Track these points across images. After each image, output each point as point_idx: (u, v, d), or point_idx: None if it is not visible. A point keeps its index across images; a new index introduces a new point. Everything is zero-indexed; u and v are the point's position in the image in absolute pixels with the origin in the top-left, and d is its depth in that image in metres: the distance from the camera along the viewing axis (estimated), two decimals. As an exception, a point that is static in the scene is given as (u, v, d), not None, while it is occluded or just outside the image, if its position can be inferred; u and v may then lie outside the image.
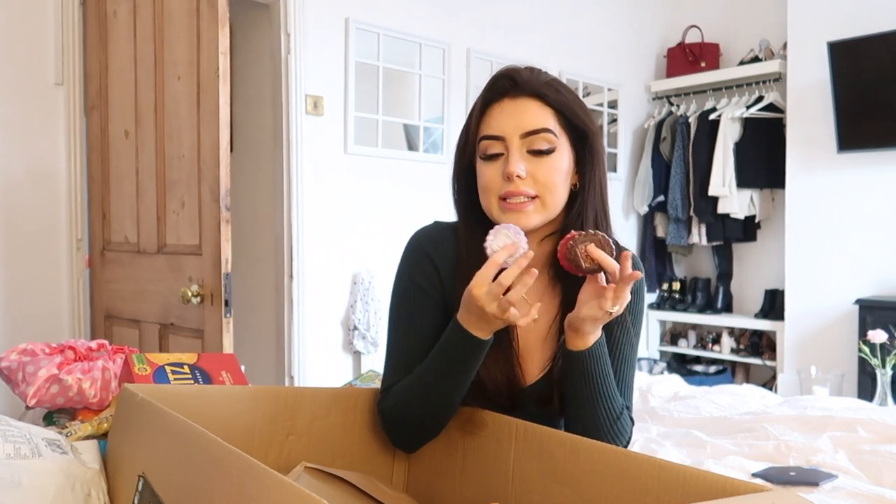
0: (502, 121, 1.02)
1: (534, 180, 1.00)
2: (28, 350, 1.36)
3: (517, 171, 0.99)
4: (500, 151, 1.02)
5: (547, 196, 1.01)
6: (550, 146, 1.01)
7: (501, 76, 1.05)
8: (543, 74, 1.06)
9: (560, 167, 1.02)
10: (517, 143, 1.01)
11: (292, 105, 3.08)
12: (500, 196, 1.01)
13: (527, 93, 1.02)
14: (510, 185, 1.00)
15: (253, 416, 0.96)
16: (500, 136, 1.01)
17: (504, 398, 1.04)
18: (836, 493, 1.55)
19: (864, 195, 3.79)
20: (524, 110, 1.01)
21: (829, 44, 3.72)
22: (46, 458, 0.78)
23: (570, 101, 1.03)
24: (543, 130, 1.01)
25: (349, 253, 3.29)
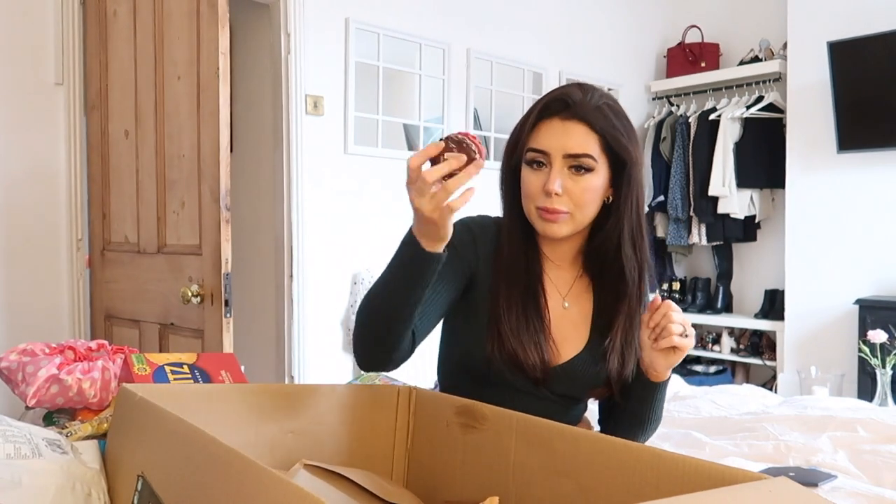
0: (550, 139, 1.12)
1: (569, 196, 1.11)
2: (28, 350, 1.36)
3: (555, 188, 1.10)
4: (543, 161, 1.13)
5: (578, 212, 1.13)
6: (589, 167, 1.11)
7: (556, 97, 1.13)
8: (596, 97, 1.13)
9: (594, 187, 1.12)
10: (559, 161, 1.11)
11: (292, 105, 3.08)
12: (537, 206, 1.13)
13: (576, 117, 1.11)
14: (547, 200, 1.11)
15: (252, 414, 0.97)
16: (545, 151, 1.12)
17: (538, 372, 1.14)
18: (836, 494, 1.55)
19: (864, 195, 3.79)
20: (571, 133, 1.11)
21: (829, 44, 3.72)
22: (47, 458, 0.78)
23: (616, 129, 1.12)
24: (584, 155, 1.10)
25: (349, 253, 3.29)
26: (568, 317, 1.20)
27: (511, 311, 1.14)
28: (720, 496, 0.61)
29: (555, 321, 1.18)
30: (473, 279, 1.17)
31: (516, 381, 1.15)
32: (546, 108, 1.13)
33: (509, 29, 3.91)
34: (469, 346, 1.18)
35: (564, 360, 1.18)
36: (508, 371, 1.14)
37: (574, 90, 1.13)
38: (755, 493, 0.63)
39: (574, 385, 1.20)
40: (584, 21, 4.33)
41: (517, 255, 1.18)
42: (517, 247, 1.18)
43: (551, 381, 1.17)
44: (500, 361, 1.13)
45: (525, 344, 1.13)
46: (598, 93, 1.14)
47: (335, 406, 1.05)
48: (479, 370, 1.17)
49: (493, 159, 3.92)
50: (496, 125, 3.93)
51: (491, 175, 3.85)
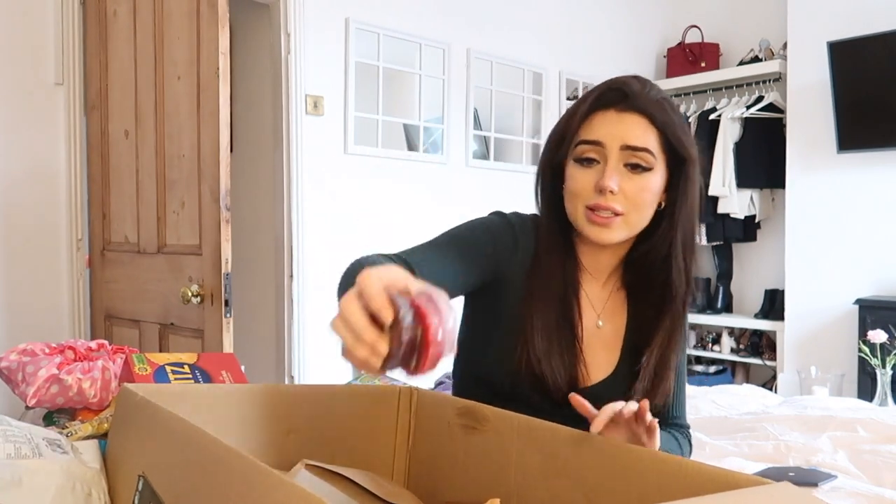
0: (606, 129, 1.01)
1: (624, 196, 1.01)
2: (28, 350, 1.36)
3: (611, 185, 0.99)
4: (595, 157, 1.02)
5: (633, 214, 1.02)
6: (647, 165, 1.01)
7: (612, 87, 1.04)
8: (654, 91, 1.04)
9: (652, 187, 1.02)
10: (616, 155, 1.01)
11: (292, 105, 3.08)
12: (587, 205, 1.02)
13: (635, 108, 1.01)
14: (600, 198, 1.00)
15: (253, 414, 0.96)
16: (601, 142, 1.01)
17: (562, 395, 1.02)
18: (836, 494, 1.55)
19: (864, 195, 3.79)
20: (629, 124, 1.01)
21: (829, 44, 3.72)
22: (47, 458, 0.78)
23: (675, 124, 1.03)
24: (643, 150, 1.01)
25: (349, 253, 3.27)
26: (600, 336, 1.11)
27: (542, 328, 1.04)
28: (722, 500, 0.61)
29: (586, 341, 1.09)
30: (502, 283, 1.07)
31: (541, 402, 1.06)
32: (601, 98, 1.03)
33: (509, 29, 3.91)
34: (492, 358, 1.09)
35: (593, 382, 1.09)
36: (533, 390, 1.05)
37: (631, 81, 1.04)
38: (757, 497, 0.63)
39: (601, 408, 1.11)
40: (584, 21, 4.33)
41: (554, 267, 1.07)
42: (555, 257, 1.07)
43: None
44: (526, 380, 1.05)
45: (554, 365, 1.04)
46: (655, 86, 1.05)
47: (336, 406, 1.05)
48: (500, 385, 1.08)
49: (493, 159, 3.93)
50: (496, 125, 3.93)
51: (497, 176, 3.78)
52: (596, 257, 1.10)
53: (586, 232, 1.03)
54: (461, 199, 3.71)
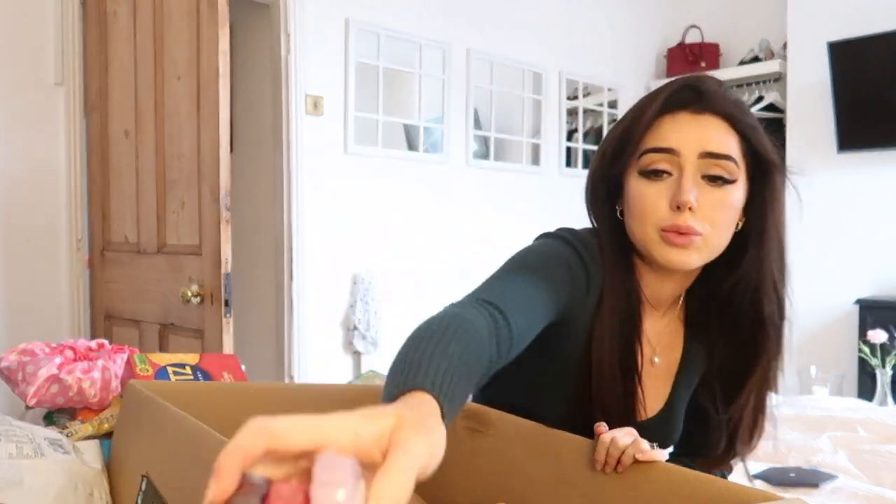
0: (681, 134, 0.86)
1: (702, 213, 0.85)
2: (28, 350, 1.36)
3: (690, 199, 0.84)
4: (667, 169, 0.86)
5: (713, 235, 0.87)
6: (730, 177, 0.86)
7: (685, 85, 0.89)
8: (728, 91, 0.90)
9: (734, 202, 0.87)
10: (693, 164, 0.85)
11: (292, 105, 3.07)
12: (661, 227, 0.86)
13: (714, 110, 0.87)
14: (678, 217, 0.85)
15: (258, 412, 0.96)
16: (675, 150, 0.86)
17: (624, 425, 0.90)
18: (837, 495, 1.55)
19: (864, 195, 3.80)
20: (708, 128, 0.86)
21: (829, 44, 3.72)
22: (49, 458, 0.78)
23: (757, 127, 0.89)
24: (726, 157, 0.85)
25: (349, 253, 3.29)
26: (653, 372, 0.99)
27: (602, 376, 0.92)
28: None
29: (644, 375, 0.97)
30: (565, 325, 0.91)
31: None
32: (671, 98, 0.88)
33: (509, 29, 3.91)
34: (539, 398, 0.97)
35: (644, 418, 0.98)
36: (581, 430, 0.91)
37: (703, 79, 0.90)
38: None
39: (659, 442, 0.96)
40: (584, 21, 4.33)
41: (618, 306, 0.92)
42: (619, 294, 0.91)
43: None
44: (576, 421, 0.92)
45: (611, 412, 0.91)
46: (725, 84, 0.91)
47: (342, 406, 1.04)
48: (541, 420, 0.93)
49: (493, 159, 3.93)
50: (496, 125, 3.93)
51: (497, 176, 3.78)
52: (660, 287, 0.95)
53: (661, 256, 0.87)
54: (461, 199, 3.71)
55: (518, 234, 3.68)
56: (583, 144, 4.39)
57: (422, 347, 0.63)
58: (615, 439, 0.79)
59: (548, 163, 4.11)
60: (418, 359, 0.61)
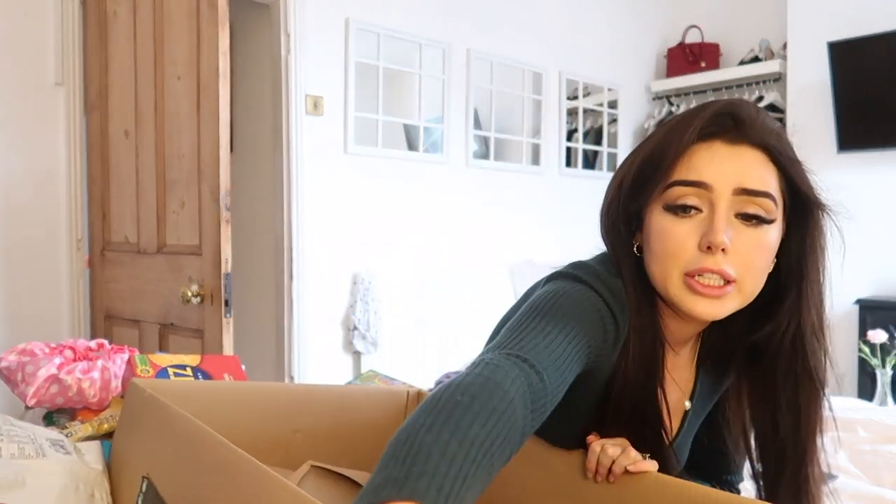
0: (715, 166, 0.76)
1: (736, 256, 0.76)
2: (27, 350, 1.36)
3: (725, 240, 0.74)
4: (697, 205, 0.77)
5: (748, 280, 0.77)
6: (768, 216, 0.77)
7: (721, 112, 0.79)
8: (769, 118, 0.81)
9: (771, 244, 0.79)
10: (727, 200, 0.76)
11: (292, 105, 3.07)
12: (686, 271, 0.77)
13: (752, 141, 0.78)
14: (706, 260, 0.75)
15: (260, 412, 0.97)
16: (708, 184, 0.76)
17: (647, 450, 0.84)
18: (836, 494, 1.55)
19: (865, 195, 3.80)
20: (745, 161, 0.77)
21: (829, 44, 3.72)
22: (50, 459, 0.78)
23: (798, 162, 0.81)
24: (764, 195, 0.76)
25: (349, 253, 3.29)
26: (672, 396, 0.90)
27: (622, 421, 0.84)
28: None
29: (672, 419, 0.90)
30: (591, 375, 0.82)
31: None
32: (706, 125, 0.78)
33: (509, 29, 3.91)
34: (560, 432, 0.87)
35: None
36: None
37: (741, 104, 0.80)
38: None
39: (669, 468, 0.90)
40: (584, 21, 4.33)
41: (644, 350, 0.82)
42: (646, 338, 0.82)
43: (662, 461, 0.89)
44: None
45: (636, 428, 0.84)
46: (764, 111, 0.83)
47: (344, 407, 1.05)
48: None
49: (493, 159, 3.93)
50: (496, 125, 3.93)
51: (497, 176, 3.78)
52: (684, 330, 0.86)
53: (687, 306, 0.77)
54: (461, 199, 3.71)
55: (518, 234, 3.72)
56: (583, 144, 4.39)
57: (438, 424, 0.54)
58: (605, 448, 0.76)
59: (548, 163, 4.11)
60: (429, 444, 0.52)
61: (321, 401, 1.03)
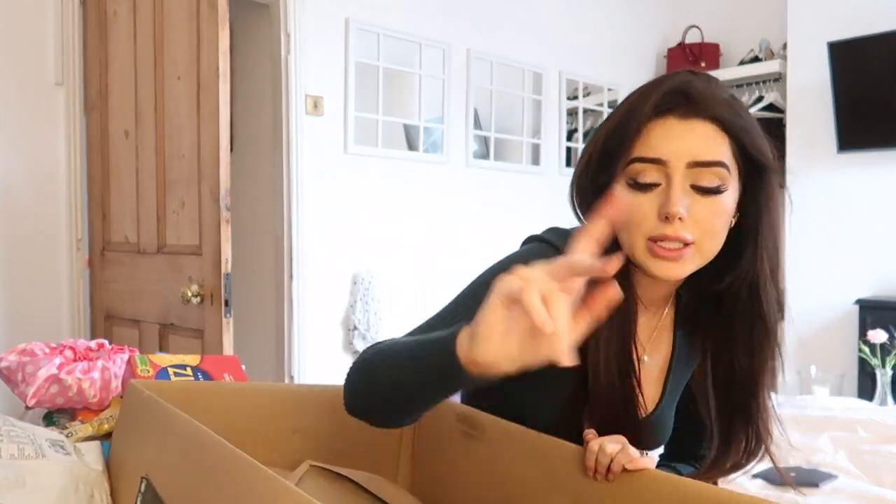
0: (668, 143, 0.83)
1: (693, 222, 0.83)
2: (27, 350, 1.36)
3: (680, 210, 0.81)
4: (656, 181, 0.83)
5: (706, 242, 0.84)
6: (721, 183, 0.83)
7: (673, 90, 0.85)
8: (720, 88, 0.86)
9: (726, 209, 0.85)
10: (682, 174, 0.83)
11: (292, 105, 3.08)
12: (649, 237, 0.84)
13: (703, 114, 0.84)
14: (666, 227, 0.82)
15: (259, 412, 0.97)
16: (663, 160, 0.83)
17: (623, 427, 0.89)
18: (836, 494, 1.55)
19: (864, 195, 3.80)
20: (697, 135, 0.83)
21: (829, 44, 3.72)
22: (50, 459, 0.78)
23: (750, 127, 0.86)
24: (717, 164, 0.83)
25: (349, 253, 3.29)
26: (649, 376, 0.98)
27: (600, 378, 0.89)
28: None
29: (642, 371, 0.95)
30: None
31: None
32: (659, 103, 0.84)
33: (509, 29, 3.91)
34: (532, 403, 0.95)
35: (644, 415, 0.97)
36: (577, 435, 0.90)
37: (692, 78, 0.86)
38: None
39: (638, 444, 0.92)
40: (584, 21, 4.33)
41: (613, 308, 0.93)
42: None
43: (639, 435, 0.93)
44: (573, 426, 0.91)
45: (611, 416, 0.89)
46: (717, 81, 0.88)
47: (342, 407, 1.05)
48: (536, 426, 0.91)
49: (493, 159, 3.93)
50: (496, 125, 3.93)
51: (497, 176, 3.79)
52: (655, 289, 0.94)
53: (649, 268, 0.85)
54: (461, 199, 3.71)
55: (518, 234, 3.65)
56: (583, 144, 4.39)
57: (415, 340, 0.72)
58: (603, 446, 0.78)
59: (548, 163, 4.11)
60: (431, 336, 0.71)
61: (320, 400, 1.03)
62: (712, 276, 0.91)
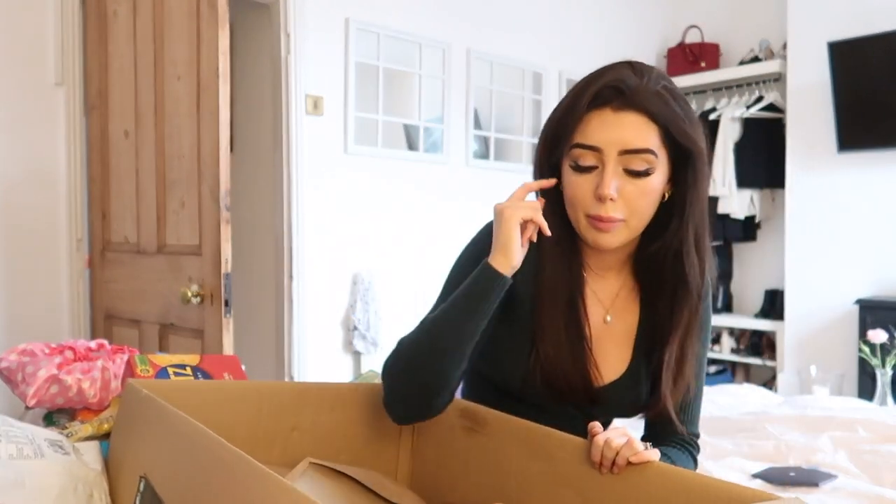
0: (602, 133, 0.95)
1: (624, 202, 0.96)
2: (27, 350, 1.36)
3: (610, 192, 0.94)
4: (593, 164, 0.96)
5: (634, 219, 0.98)
6: (648, 167, 0.96)
7: (607, 85, 0.98)
8: (654, 79, 0.99)
9: (653, 189, 0.97)
10: (614, 160, 0.95)
11: (292, 105, 3.08)
12: (587, 214, 0.98)
13: (633, 106, 0.96)
14: (600, 208, 0.96)
15: (258, 411, 0.97)
16: (598, 147, 0.95)
17: (579, 397, 1.03)
18: (836, 494, 1.55)
19: (864, 195, 3.79)
20: (627, 126, 0.95)
21: (829, 44, 3.72)
22: (49, 459, 0.78)
23: (679, 116, 0.97)
24: (644, 151, 0.95)
25: (349, 253, 3.29)
26: (610, 333, 1.07)
27: (550, 332, 1.02)
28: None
29: (596, 339, 1.05)
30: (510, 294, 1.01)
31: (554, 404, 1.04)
32: (596, 96, 0.97)
33: (509, 29, 3.91)
34: (504, 364, 1.06)
35: (606, 382, 1.05)
36: (547, 394, 1.03)
37: (627, 73, 0.98)
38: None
39: (613, 408, 1.08)
40: (584, 21, 4.33)
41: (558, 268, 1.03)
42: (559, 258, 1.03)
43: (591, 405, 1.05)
44: (537, 383, 1.02)
45: (565, 368, 1.01)
46: (654, 73, 1.00)
47: (341, 404, 1.05)
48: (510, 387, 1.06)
49: (493, 159, 3.93)
50: (496, 125, 3.93)
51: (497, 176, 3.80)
52: (601, 256, 1.06)
53: (587, 238, 1.00)
54: (461, 199, 3.71)
55: (518, 235, 3.54)
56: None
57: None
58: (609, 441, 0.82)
59: (548, 163, 4.10)
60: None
61: (319, 399, 1.03)
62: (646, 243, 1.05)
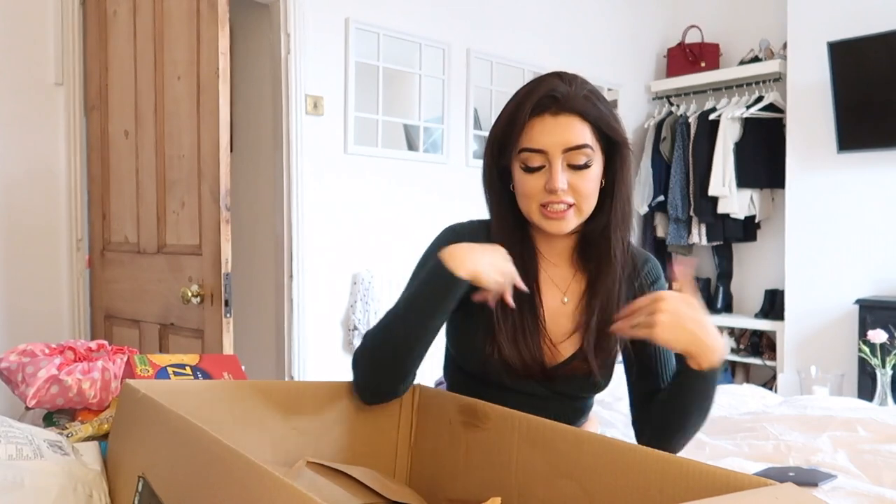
0: (545, 137, 1.09)
1: (573, 190, 1.10)
2: (28, 351, 1.36)
3: (561, 185, 1.09)
4: (541, 164, 1.11)
5: (583, 204, 1.12)
6: (587, 160, 1.10)
7: (544, 95, 1.10)
8: (579, 86, 1.12)
9: (594, 177, 1.12)
10: (559, 158, 1.09)
11: (292, 105, 3.08)
12: (540, 203, 1.12)
13: (567, 110, 1.09)
14: (552, 196, 1.10)
15: (256, 410, 0.97)
16: (544, 149, 1.09)
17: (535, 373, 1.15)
18: (836, 494, 1.55)
19: (864, 195, 3.79)
20: (566, 127, 1.09)
21: (829, 44, 3.72)
22: (48, 460, 0.78)
23: (605, 114, 1.12)
24: (583, 146, 1.09)
25: (349, 253, 3.29)
26: (567, 313, 1.19)
27: (507, 313, 1.13)
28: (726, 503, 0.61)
29: (553, 319, 1.18)
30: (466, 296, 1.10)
31: (515, 383, 1.16)
32: (535, 105, 1.10)
33: (509, 29, 3.91)
34: (466, 348, 1.19)
35: (564, 358, 1.17)
36: (505, 373, 1.15)
37: (556, 82, 1.11)
38: (761, 499, 0.62)
39: (574, 383, 1.19)
40: (584, 21, 4.33)
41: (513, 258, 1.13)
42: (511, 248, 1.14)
43: (550, 381, 1.17)
44: (498, 365, 1.14)
45: (520, 347, 1.14)
46: (579, 80, 1.13)
47: (339, 403, 1.05)
48: (476, 372, 1.18)
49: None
50: (496, 125, 3.92)
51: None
52: (551, 244, 1.21)
53: (543, 226, 1.13)
54: (461, 198, 3.71)
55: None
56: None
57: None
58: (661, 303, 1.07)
59: (548, 163, 4.10)
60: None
61: (317, 398, 1.03)
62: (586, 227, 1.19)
